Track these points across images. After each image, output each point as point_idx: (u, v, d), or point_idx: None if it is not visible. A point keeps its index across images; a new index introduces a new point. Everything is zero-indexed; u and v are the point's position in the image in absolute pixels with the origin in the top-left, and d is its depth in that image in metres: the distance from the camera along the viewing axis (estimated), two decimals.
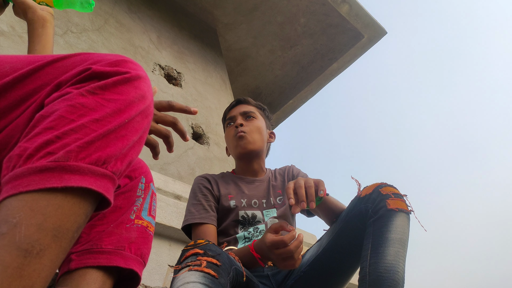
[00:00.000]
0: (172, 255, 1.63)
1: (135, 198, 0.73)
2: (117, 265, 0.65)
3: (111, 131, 0.45)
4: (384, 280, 0.89)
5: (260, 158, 1.38)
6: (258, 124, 1.38)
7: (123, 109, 0.47)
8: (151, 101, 0.52)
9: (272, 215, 1.26)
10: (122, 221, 0.69)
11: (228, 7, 3.71)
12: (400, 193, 1.05)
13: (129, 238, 0.68)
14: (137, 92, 0.49)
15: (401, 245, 0.95)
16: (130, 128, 0.47)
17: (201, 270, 0.79)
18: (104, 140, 0.44)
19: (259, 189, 1.33)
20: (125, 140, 0.46)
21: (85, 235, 0.67)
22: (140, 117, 0.49)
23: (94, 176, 0.42)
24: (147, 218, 0.73)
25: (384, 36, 3.98)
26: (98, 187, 0.42)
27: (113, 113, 0.46)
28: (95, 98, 0.46)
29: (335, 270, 1.10)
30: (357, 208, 1.07)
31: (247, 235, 1.20)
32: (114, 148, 0.45)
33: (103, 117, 0.45)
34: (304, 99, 4.53)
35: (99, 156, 0.43)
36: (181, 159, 2.49)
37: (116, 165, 0.45)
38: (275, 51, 4.07)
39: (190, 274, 0.78)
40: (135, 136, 0.48)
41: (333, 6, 3.69)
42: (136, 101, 0.49)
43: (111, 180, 0.44)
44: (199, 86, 3.15)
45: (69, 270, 0.64)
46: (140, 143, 0.50)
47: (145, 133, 0.51)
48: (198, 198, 1.25)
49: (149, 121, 0.51)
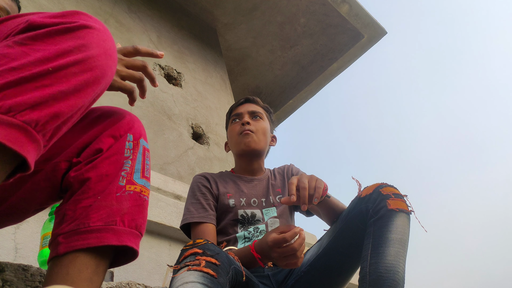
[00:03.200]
0: (172, 255, 1.63)
1: (123, 161, 0.63)
2: (109, 243, 0.58)
3: (28, 80, 0.40)
4: (384, 280, 0.89)
5: (261, 159, 1.38)
6: (264, 125, 1.38)
7: (51, 58, 0.42)
8: (98, 54, 0.46)
9: (272, 215, 1.25)
10: (111, 190, 0.60)
11: (228, 7, 3.70)
12: (401, 193, 1.05)
13: (121, 209, 0.60)
14: (76, 42, 0.44)
15: (402, 245, 0.95)
16: (58, 78, 0.42)
17: (200, 269, 0.78)
18: (17, 88, 0.39)
19: (258, 188, 1.32)
20: (48, 89, 0.41)
21: (70, 213, 0.59)
22: (76, 69, 0.43)
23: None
24: (140, 182, 0.64)
25: (384, 36, 3.98)
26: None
27: (35, 62, 0.41)
28: (21, 48, 0.42)
29: (336, 270, 1.10)
30: (357, 208, 1.07)
31: (247, 235, 1.20)
32: (28, 97, 0.40)
33: (22, 65, 0.41)
34: (304, 99, 4.53)
35: (3, 104, 0.38)
36: (181, 159, 2.49)
37: (31, 114, 0.40)
38: (275, 51, 4.07)
39: (189, 273, 0.77)
40: (65, 87, 0.42)
41: (333, 6, 3.68)
42: (72, 51, 0.43)
43: (21, 130, 0.39)
44: (199, 86, 3.15)
45: (58, 255, 0.57)
46: (77, 97, 0.44)
47: (88, 88, 0.45)
48: (197, 197, 1.24)
49: (94, 75, 0.45)
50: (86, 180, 0.61)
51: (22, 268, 0.73)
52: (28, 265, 0.74)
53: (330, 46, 4.04)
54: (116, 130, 0.65)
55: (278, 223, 1.24)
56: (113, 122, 0.65)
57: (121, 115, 0.67)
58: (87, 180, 0.61)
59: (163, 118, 2.59)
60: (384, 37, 3.98)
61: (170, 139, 2.50)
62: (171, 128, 2.57)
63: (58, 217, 0.61)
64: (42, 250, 1.03)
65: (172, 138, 2.52)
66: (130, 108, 2.49)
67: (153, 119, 2.52)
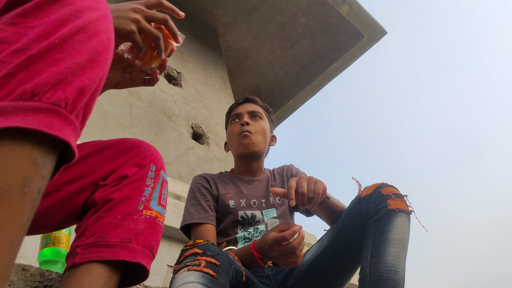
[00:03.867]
0: (172, 255, 1.63)
1: (144, 188, 0.69)
2: (123, 259, 0.62)
3: (37, 58, 0.36)
4: (384, 280, 0.89)
5: (260, 159, 1.38)
6: (263, 125, 1.36)
7: (50, 30, 0.38)
8: (96, 17, 0.42)
9: (272, 215, 1.26)
10: (130, 212, 0.65)
11: (228, 7, 3.70)
12: (401, 194, 1.05)
13: (136, 229, 0.64)
14: (70, 8, 0.40)
15: (402, 245, 0.95)
16: (67, 50, 0.38)
17: (200, 270, 0.78)
18: (30, 69, 0.36)
19: (258, 189, 1.32)
20: (63, 64, 0.37)
21: (91, 228, 0.64)
22: (81, 37, 0.39)
23: (23, 113, 0.34)
24: (156, 208, 0.69)
25: (384, 36, 3.98)
26: (30, 124, 0.34)
27: (37, 37, 0.37)
28: (14, 29, 0.38)
29: (336, 269, 1.10)
30: (357, 208, 1.07)
31: (247, 236, 1.20)
32: (47, 76, 0.36)
33: (24, 45, 0.37)
34: (304, 99, 4.53)
35: (24, 89, 0.35)
36: (181, 159, 2.49)
37: (57, 94, 0.36)
38: (275, 51, 4.07)
39: (189, 274, 0.78)
40: (79, 58, 0.39)
41: (333, 6, 3.69)
42: (69, 19, 0.39)
43: (53, 113, 0.35)
44: (199, 86, 3.15)
45: (74, 264, 0.61)
46: (94, 67, 0.40)
47: (100, 56, 0.41)
48: (197, 198, 1.24)
49: (101, 41, 0.42)
50: (110, 200, 0.66)
51: (22, 268, 0.73)
52: (28, 265, 0.74)
53: (330, 46, 4.04)
54: (141, 160, 0.71)
55: (278, 223, 1.24)
56: (139, 153, 0.72)
57: (146, 148, 0.74)
58: (111, 200, 0.66)
59: (163, 118, 2.59)
60: (384, 37, 3.98)
61: (170, 139, 2.50)
62: (171, 128, 2.57)
63: (79, 231, 0.66)
64: (42, 250, 1.03)
65: (172, 138, 2.52)
66: (131, 108, 2.49)
67: (153, 119, 2.52)
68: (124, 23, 0.64)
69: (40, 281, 0.73)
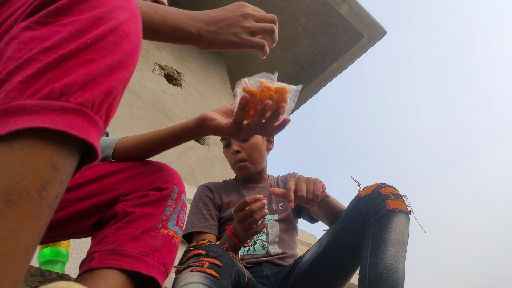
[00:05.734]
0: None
1: (165, 207, 0.71)
2: (140, 271, 0.62)
3: (68, 57, 0.36)
4: (384, 280, 0.89)
5: (262, 169, 1.39)
6: (255, 140, 1.30)
7: (84, 29, 0.38)
8: (128, 17, 0.41)
9: (273, 218, 1.27)
10: (149, 228, 0.67)
11: None
12: (400, 194, 1.05)
13: (154, 245, 0.66)
14: (104, 7, 0.40)
15: (401, 246, 0.95)
16: (98, 51, 0.38)
17: (203, 270, 0.79)
18: (60, 69, 0.35)
19: (260, 194, 1.33)
20: (93, 65, 0.37)
21: (110, 236, 0.65)
22: (113, 37, 0.39)
23: (50, 112, 0.33)
24: (173, 228, 0.71)
25: (384, 36, 3.98)
26: (56, 125, 0.33)
27: (70, 37, 0.37)
28: (47, 27, 0.37)
29: (335, 269, 1.11)
30: (357, 208, 1.07)
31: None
32: (76, 76, 0.36)
33: (56, 43, 0.36)
34: (304, 99, 4.53)
35: (52, 88, 0.34)
36: (181, 159, 2.49)
37: (85, 95, 0.36)
38: (275, 51, 4.07)
39: (192, 274, 0.78)
40: (109, 59, 0.38)
41: (333, 6, 3.69)
42: (103, 18, 0.39)
43: (80, 114, 0.35)
44: (199, 86, 3.15)
45: (90, 268, 0.61)
46: (123, 69, 0.40)
47: (129, 57, 0.41)
48: (199, 207, 1.26)
49: (132, 42, 0.41)
50: (132, 213, 0.68)
51: None
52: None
53: (330, 46, 4.05)
54: (165, 182, 0.73)
55: (278, 226, 1.25)
56: (162, 177, 0.74)
57: (170, 172, 0.77)
58: (133, 213, 0.68)
59: (163, 118, 2.59)
60: (384, 37, 3.98)
61: None
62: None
63: (98, 238, 0.67)
64: (42, 250, 1.04)
65: None
66: (131, 108, 2.49)
67: (153, 119, 2.52)
68: (235, 32, 0.68)
69: (40, 281, 0.74)
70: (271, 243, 1.23)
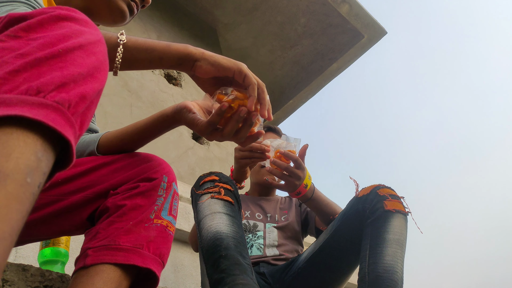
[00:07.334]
0: (172, 254, 1.63)
1: (156, 198, 0.70)
2: (135, 263, 0.62)
3: (42, 61, 0.37)
4: (383, 280, 0.90)
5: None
6: None
7: (54, 42, 0.39)
8: (95, 40, 0.42)
9: (273, 225, 1.30)
10: (142, 219, 0.67)
11: (228, 7, 3.71)
12: (397, 195, 1.05)
13: (148, 236, 0.66)
14: (71, 28, 0.41)
15: (399, 246, 0.95)
16: (70, 60, 0.38)
17: (222, 198, 0.89)
18: (34, 70, 0.36)
19: (265, 205, 1.39)
20: (66, 70, 0.37)
21: (103, 231, 0.65)
22: (81, 52, 0.40)
23: (28, 105, 0.33)
24: (167, 218, 0.71)
25: (384, 36, 3.98)
26: (36, 115, 0.33)
27: (41, 46, 0.38)
28: (18, 40, 0.38)
29: (332, 267, 1.11)
30: (354, 207, 1.08)
31: (247, 241, 1.23)
32: (51, 77, 0.36)
33: (29, 51, 0.37)
34: (304, 99, 4.53)
35: (29, 86, 0.34)
36: (181, 159, 2.49)
37: (60, 95, 0.36)
38: (275, 51, 4.07)
39: (214, 202, 0.88)
40: (81, 69, 0.39)
41: (333, 6, 3.69)
42: (71, 36, 0.40)
43: (57, 111, 0.35)
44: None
45: (85, 265, 0.61)
46: (94, 81, 0.40)
47: (99, 73, 0.41)
48: None
49: (99, 60, 0.42)
50: (123, 206, 0.67)
51: (22, 268, 0.73)
52: (28, 265, 0.74)
53: (330, 46, 4.05)
54: (153, 173, 0.72)
55: (276, 232, 1.28)
56: (151, 167, 0.73)
57: (158, 162, 0.76)
58: (123, 206, 0.67)
59: None
60: (384, 37, 3.98)
61: (170, 139, 2.50)
62: None
63: (91, 235, 0.67)
64: (42, 250, 1.04)
65: (172, 138, 2.52)
66: (131, 109, 2.49)
67: None
68: (235, 62, 0.71)
69: (41, 281, 0.74)
70: (268, 246, 1.24)
